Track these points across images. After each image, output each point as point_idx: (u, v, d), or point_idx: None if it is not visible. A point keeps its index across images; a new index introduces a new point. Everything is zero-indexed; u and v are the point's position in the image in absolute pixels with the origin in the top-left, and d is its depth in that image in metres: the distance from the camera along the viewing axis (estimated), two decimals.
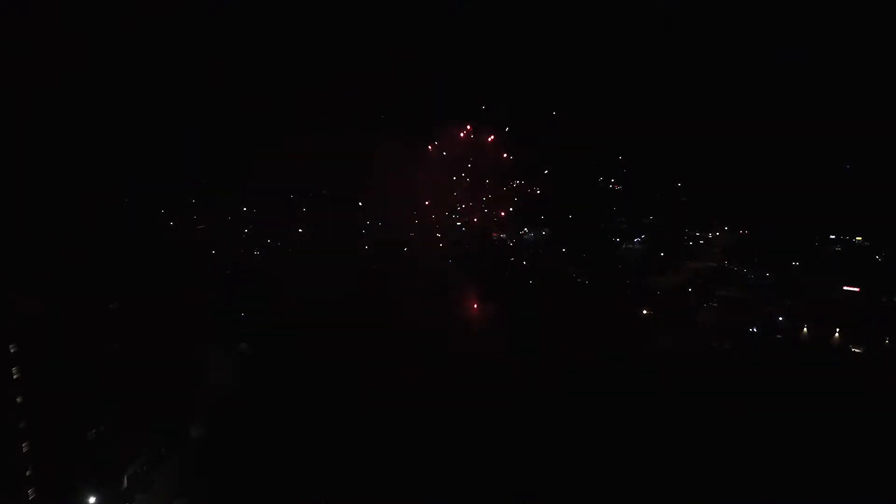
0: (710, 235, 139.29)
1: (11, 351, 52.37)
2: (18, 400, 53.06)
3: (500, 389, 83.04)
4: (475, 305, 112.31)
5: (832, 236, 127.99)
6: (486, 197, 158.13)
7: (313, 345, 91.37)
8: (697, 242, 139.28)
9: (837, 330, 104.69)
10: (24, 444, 53.49)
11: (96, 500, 58.75)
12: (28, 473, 53.87)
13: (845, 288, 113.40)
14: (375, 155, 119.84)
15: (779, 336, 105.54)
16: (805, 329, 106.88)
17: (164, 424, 69.99)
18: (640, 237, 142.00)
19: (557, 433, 73.75)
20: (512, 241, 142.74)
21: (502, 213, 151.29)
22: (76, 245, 76.85)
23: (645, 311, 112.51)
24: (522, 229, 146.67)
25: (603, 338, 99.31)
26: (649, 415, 77.49)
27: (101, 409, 60.00)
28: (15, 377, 52.68)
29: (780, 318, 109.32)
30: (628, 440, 71.86)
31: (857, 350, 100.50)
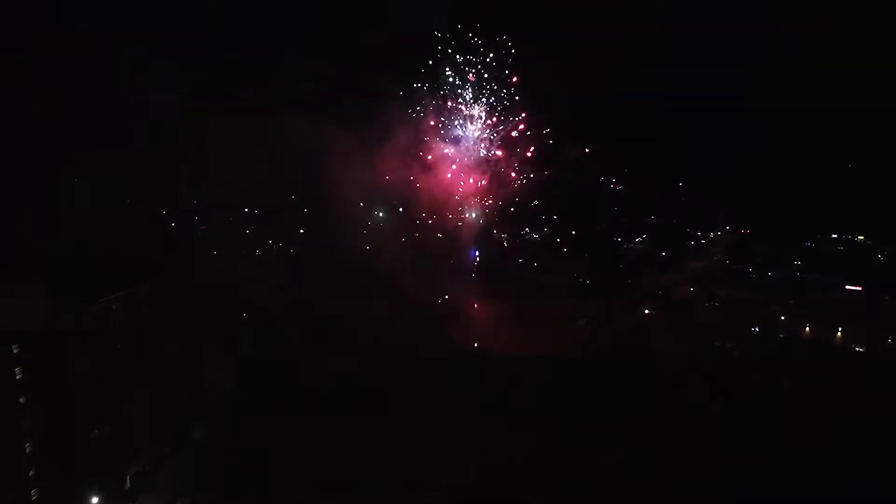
0: (712, 235, 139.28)
1: (14, 351, 52.59)
2: (21, 400, 53.28)
3: (500, 389, 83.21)
4: (476, 304, 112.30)
5: (834, 235, 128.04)
6: (487, 196, 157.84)
7: (314, 345, 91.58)
8: (699, 242, 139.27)
9: (839, 329, 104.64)
10: (27, 445, 53.69)
11: (99, 500, 58.92)
12: (31, 474, 54.07)
13: (847, 287, 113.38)
14: (374, 153, 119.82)
15: (780, 335, 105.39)
16: (807, 328, 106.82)
17: (167, 424, 70.21)
18: (641, 237, 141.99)
19: (556, 433, 73.80)
20: (512, 241, 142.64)
21: (503, 213, 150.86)
22: (79, 245, 77.24)
23: (646, 311, 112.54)
24: (523, 229, 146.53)
25: (604, 337, 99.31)
26: (650, 414, 77.50)
27: (103, 409, 60.17)
28: (18, 377, 52.89)
29: (782, 318, 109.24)
30: (628, 440, 71.84)
31: (859, 349, 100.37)
